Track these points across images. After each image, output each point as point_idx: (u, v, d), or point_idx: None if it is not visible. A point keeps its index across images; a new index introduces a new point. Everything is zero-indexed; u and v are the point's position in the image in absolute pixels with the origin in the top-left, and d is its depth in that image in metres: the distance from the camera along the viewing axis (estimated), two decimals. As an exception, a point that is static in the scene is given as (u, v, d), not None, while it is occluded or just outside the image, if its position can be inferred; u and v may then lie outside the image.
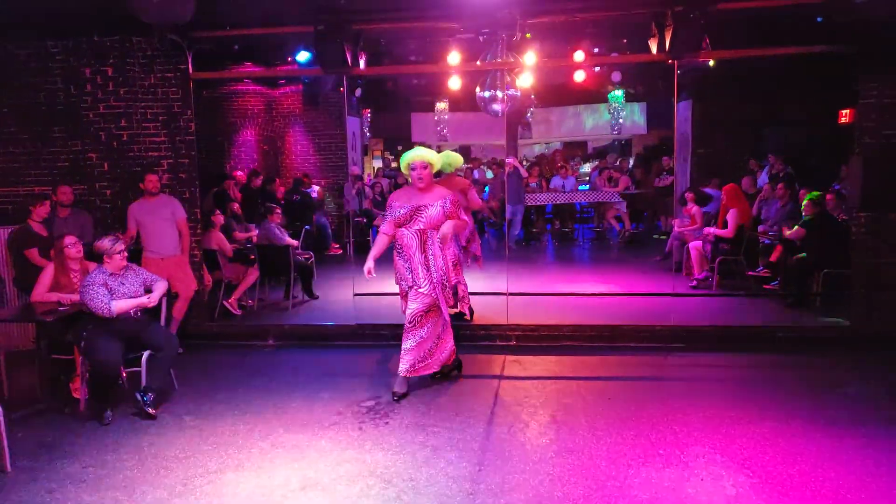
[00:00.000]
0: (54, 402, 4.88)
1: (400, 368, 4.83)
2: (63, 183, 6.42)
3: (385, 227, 4.90)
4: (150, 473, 3.79)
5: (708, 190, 9.47)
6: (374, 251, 4.87)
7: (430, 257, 4.77)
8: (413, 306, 4.83)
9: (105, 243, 4.72)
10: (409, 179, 4.85)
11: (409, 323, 4.82)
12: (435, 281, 4.77)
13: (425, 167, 4.76)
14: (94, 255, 4.90)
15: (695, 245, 8.07)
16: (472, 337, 6.20)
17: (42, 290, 5.06)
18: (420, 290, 4.77)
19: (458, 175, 7.16)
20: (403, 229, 4.80)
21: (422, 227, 4.75)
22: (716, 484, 3.50)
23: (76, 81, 6.66)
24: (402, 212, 4.78)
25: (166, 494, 3.53)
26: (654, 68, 10.73)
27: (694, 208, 8.74)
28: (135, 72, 6.61)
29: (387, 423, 4.41)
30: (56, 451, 4.15)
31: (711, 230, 7.94)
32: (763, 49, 6.97)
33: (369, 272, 4.76)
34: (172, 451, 4.09)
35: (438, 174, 5.79)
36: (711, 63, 9.57)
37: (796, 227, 7.02)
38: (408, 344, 4.82)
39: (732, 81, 10.79)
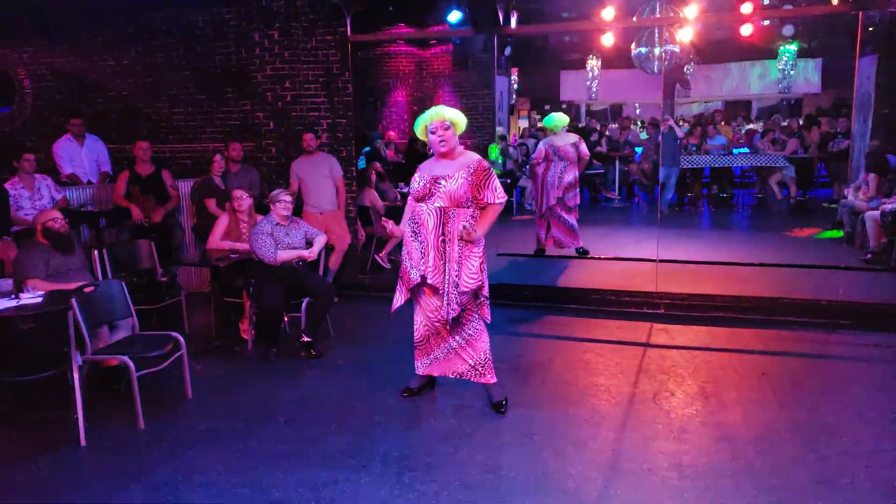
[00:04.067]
0: (227, 341, 5.40)
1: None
2: (234, 140, 6.93)
3: (410, 201, 4.08)
4: (309, 409, 4.11)
5: (890, 157, 8.49)
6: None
7: (448, 244, 3.84)
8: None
9: (276, 190, 5.23)
10: (430, 146, 3.95)
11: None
12: (447, 276, 3.86)
13: (447, 128, 3.85)
14: (261, 209, 5.32)
15: (871, 215, 7.31)
16: (618, 303, 6.07)
17: (216, 239, 5.54)
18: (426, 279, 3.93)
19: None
20: (422, 205, 3.91)
21: (442, 204, 3.83)
22: (886, 474, 3.24)
23: (246, 45, 7.15)
24: (419, 184, 3.91)
25: (320, 431, 3.81)
26: (833, 20, 9.69)
27: (871, 175, 7.89)
28: (298, 35, 6.97)
29: (527, 381, 4.47)
30: (228, 383, 4.61)
31: (889, 202, 7.14)
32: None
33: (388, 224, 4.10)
34: (328, 390, 4.40)
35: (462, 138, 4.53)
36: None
37: None
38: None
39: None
